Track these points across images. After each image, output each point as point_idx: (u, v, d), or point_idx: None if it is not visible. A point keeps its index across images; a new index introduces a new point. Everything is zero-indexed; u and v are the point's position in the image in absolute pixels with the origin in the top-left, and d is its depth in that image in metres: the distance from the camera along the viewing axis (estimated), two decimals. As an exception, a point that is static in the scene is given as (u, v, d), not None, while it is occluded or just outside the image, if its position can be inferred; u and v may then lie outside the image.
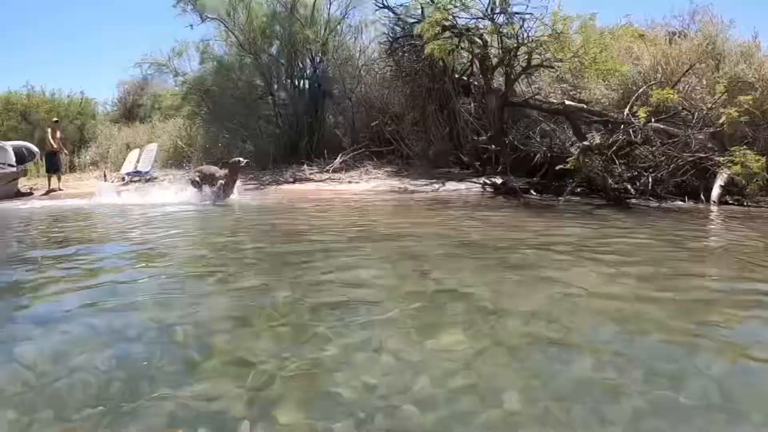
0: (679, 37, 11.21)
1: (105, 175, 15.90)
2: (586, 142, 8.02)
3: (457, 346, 1.90)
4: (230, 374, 1.73)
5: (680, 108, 9.16)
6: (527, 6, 8.76)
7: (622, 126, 8.37)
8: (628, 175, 8.36)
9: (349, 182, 10.59)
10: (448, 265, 3.25)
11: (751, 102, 8.15)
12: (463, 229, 5.06)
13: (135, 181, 14.49)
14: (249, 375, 1.69)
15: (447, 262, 3.38)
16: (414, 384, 1.62)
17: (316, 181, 10.96)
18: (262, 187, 10.82)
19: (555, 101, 10.04)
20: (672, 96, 8.11)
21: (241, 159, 8.69)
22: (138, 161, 15.08)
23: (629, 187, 8.18)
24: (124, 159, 15.72)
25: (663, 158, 8.35)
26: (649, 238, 4.68)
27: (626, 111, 8.76)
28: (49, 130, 12.93)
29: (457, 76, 10.88)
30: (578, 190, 8.73)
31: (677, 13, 12.47)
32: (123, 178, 14.89)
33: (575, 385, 1.64)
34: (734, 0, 25.79)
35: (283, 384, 1.64)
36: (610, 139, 8.16)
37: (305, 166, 11.89)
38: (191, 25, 13.43)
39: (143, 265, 3.49)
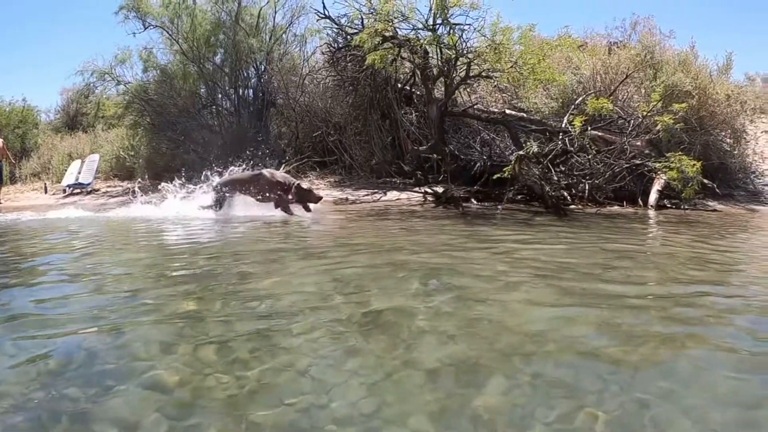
0: (618, 47, 11.43)
1: (46, 188, 15.36)
2: (521, 151, 8.01)
3: (373, 368, 1.89)
4: (148, 397, 1.68)
5: (617, 116, 9.30)
6: (466, 17, 8.74)
7: (560, 134, 8.42)
8: (566, 182, 8.42)
9: (292, 193, 10.35)
10: (374, 282, 3.13)
11: (686, 109, 8.30)
12: (396, 242, 4.91)
13: (76, 194, 14.04)
14: (168, 399, 1.66)
15: (374, 278, 3.25)
16: (332, 405, 1.62)
17: (259, 192, 10.67)
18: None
19: (496, 110, 10.06)
20: (607, 105, 8.18)
21: (314, 191, 7.51)
22: (80, 172, 14.65)
23: (565, 194, 8.24)
24: (66, 170, 15.22)
25: (600, 165, 8.43)
26: (572, 245, 4.65)
27: (565, 120, 8.83)
28: (-10, 139, 12.42)
29: (399, 85, 10.81)
30: (519, 198, 8.74)
31: (619, 23, 12.76)
32: (64, 190, 14.42)
33: (489, 408, 1.61)
34: (675, 11, 26.74)
35: (204, 408, 1.61)
36: (546, 148, 8.20)
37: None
38: (134, 33, 13.14)
39: (69, 279, 3.39)
